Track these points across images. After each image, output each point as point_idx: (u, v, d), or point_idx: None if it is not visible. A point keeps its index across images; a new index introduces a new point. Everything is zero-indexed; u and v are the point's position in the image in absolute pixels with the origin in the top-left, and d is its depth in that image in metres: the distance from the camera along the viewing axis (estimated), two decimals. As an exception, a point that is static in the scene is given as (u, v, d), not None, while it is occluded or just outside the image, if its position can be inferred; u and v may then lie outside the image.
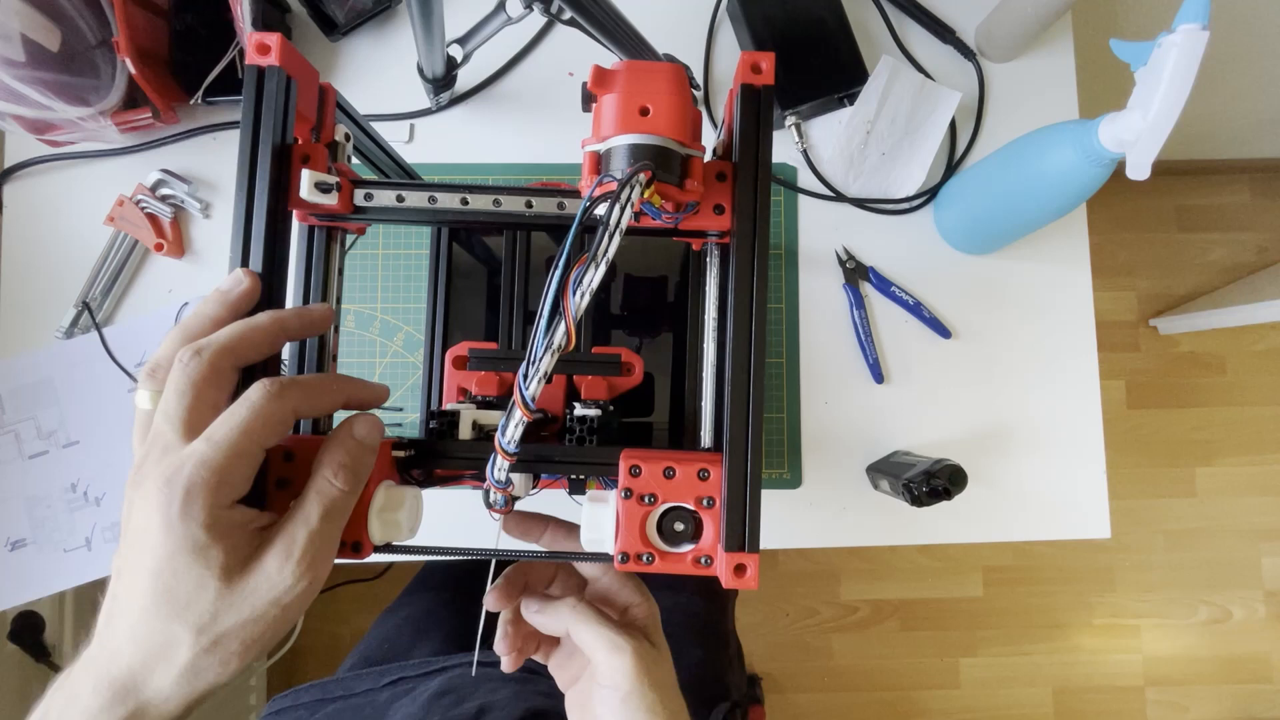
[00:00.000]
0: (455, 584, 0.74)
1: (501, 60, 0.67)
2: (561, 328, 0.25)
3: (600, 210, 0.26)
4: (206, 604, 0.25)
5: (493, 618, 0.37)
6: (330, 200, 0.32)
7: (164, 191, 0.64)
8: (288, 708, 0.55)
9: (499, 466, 0.29)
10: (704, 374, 0.36)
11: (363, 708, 0.53)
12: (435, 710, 0.48)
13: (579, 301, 0.25)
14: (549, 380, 0.27)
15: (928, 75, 0.67)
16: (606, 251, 0.25)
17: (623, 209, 0.25)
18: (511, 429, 0.27)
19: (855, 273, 0.66)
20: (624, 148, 0.28)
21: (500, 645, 0.36)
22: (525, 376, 0.25)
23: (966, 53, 0.67)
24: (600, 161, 0.29)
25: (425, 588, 0.74)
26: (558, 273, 0.25)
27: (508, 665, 0.36)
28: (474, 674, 0.53)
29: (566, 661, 0.38)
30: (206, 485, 0.25)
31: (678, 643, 0.64)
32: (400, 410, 0.64)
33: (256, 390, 0.26)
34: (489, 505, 0.31)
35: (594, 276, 0.24)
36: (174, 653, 0.26)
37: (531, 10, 0.51)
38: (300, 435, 0.32)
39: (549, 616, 0.35)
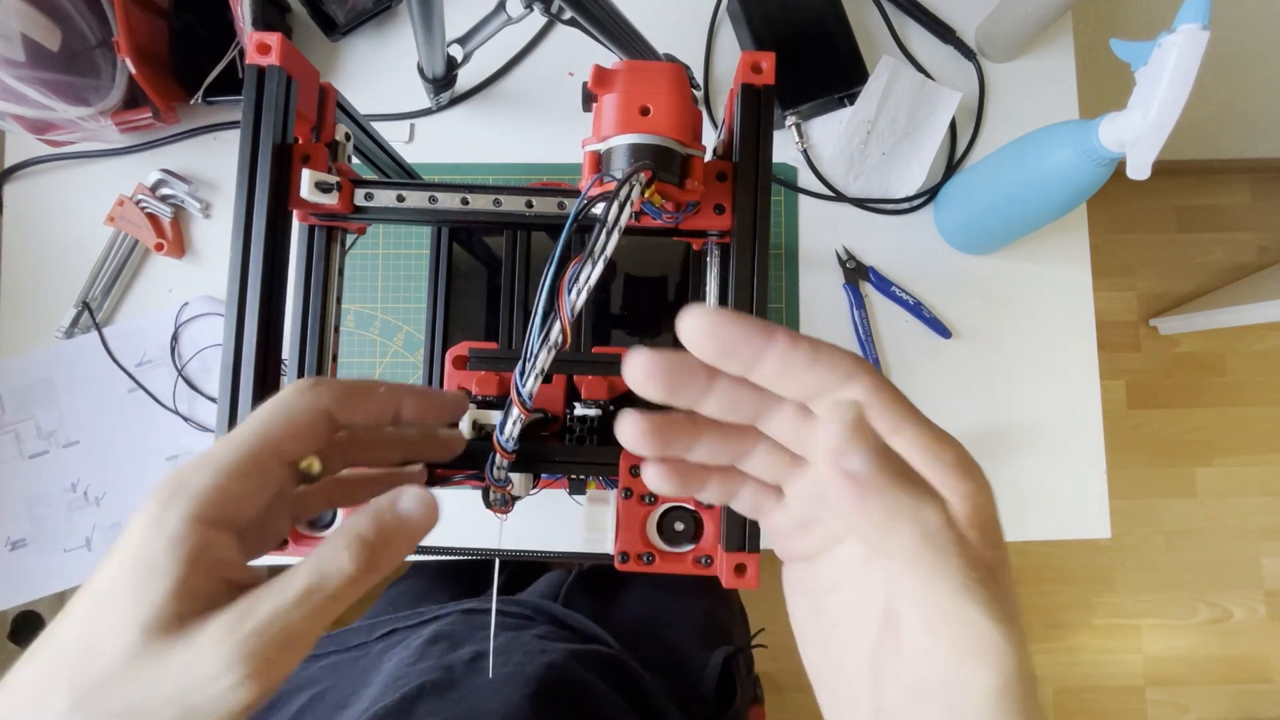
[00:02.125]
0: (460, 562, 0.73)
1: (501, 60, 0.67)
2: (557, 326, 0.25)
3: (599, 209, 0.26)
4: (102, 668, 0.19)
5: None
6: (330, 200, 0.32)
7: (164, 191, 0.64)
8: None
9: (498, 465, 0.29)
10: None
11: (357, 659, 0.52)
12: (428, 655, 0.47)
13: (575, 299, 0.24)
14: (548, 379, 0.26)
15: (928, 75, 0.67)
16: (604, 249, 0.25)
17: (621, 206, 0.25)
18: (509, 427, 0.27)
19: (855, 273, 0.66)
20: (624, 147, 0.28)
21: (645, 442, 0.20)
22: (522, 374, 0.25)
23: (966, 53, 0.67)
24: (601, 161, 0.29)
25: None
26: (552, 270, 0.25)
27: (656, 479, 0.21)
28: (475, 621, 0.51)
29: (797, 531, 0.22)
30: (195, 486, 0.20)
31: (680, 593, 0.64)
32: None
33: (286, 387, 0.23)
34: (488, 505, 0.31)
35: (591, 273, 0.24)
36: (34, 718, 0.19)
37: (531, 10, 0.51)
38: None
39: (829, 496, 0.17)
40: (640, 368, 0.18)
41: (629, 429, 0.19)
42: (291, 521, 0.26)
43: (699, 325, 0.18)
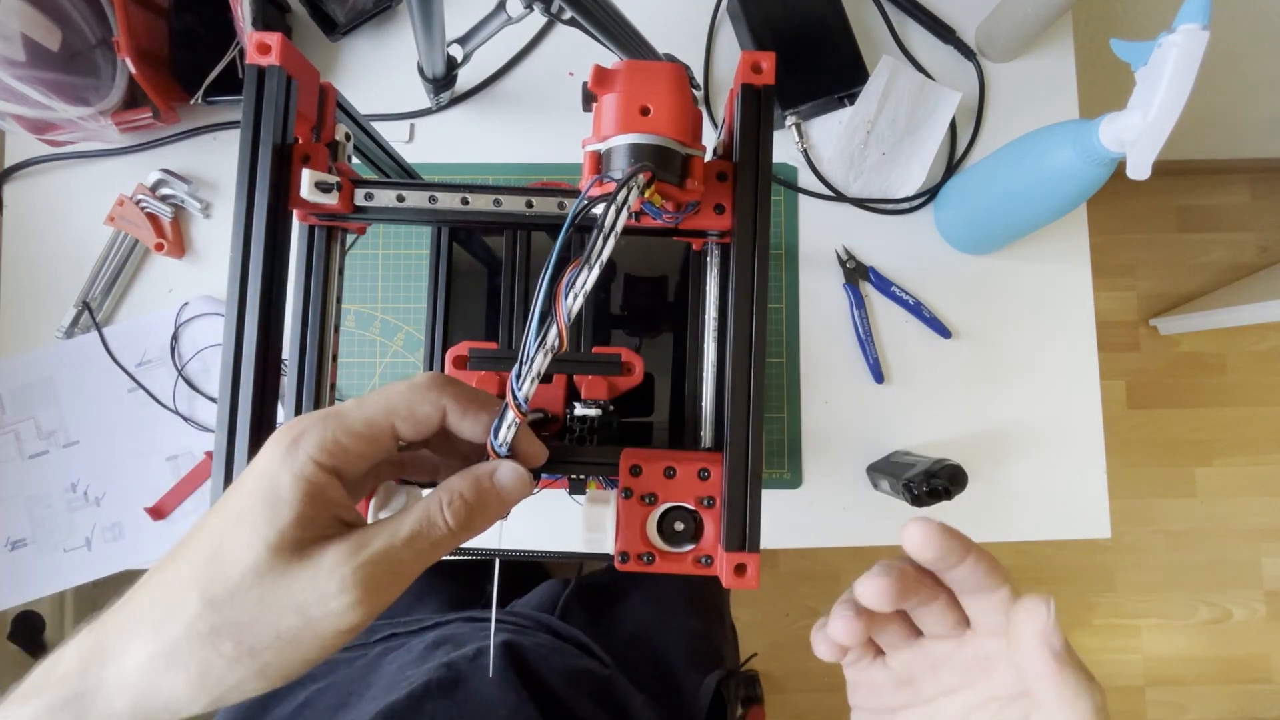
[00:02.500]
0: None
1: (501, 60, 0.67)
2: (554, 330, 0.25)
3: (598, 209, 0.26)
4: (232, 577, 0.21)
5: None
6: (331, 200, 0.32)
7: (164, 191, 0.64)
8: None
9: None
10: (704, 374, 0.36)
11: (355, 659, 0.52)
12: (432, 657, 0.48)
13: (571, 304, 0.24)
14: (547, 380, 0.26)
15: (928, 75, 0.67)
16: (601, 254, 0.24)
17: (618, 210, 0.25)
18: (504, 431, 0.26)
19: (855, 273, 0.66)
20: (624, 147, 0.28)
21: (841, 628, 0.26)
22: (518, 377, 0.25)
23: (967, 53, 0.67)
24: (600, 161, 0.29)
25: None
26: (548, 273, 0.25)
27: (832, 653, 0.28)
28: (475, 628, 0.52)
29: (891, 685, 0.28)
30: (321, 434, 0.22)
31: (674, 611, 0.65)
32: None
33: (421, 376, 0.25)
34: (487, 506, 0.31)
35: (587, 279, 0.24)
36: (169, 621, 0.21)
37: (531, 10, 0.51)
38: None
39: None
40: (920, 543, 0.24)
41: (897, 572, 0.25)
42: (375, 482, 0.29)
43: (923, 534, 0.24)
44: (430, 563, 0.24)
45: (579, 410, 0.40)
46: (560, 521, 0.62)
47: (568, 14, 0.50)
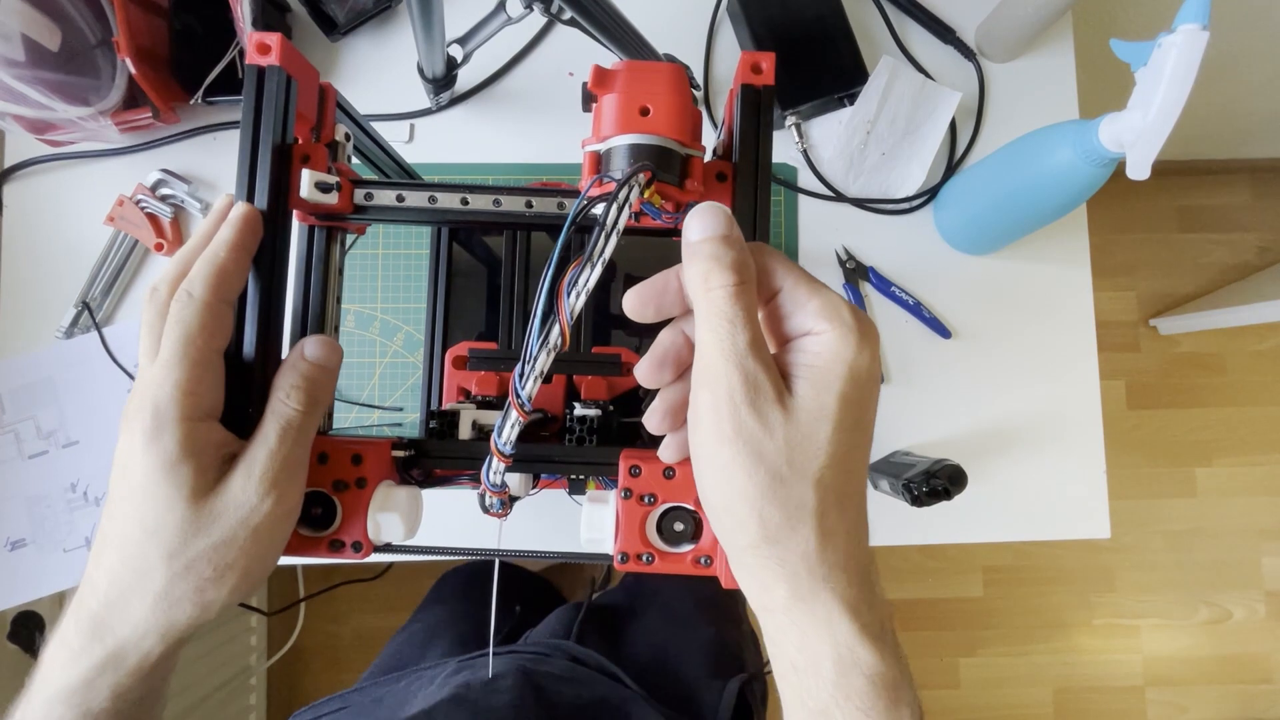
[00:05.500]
0: (465, 595, 0.75)
1: (501, 60, 0.67)
2: (556, 329, 0.25)
3: (598, 209, 0.26)
4: (175, 527, 0.25)
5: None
6: (330, 200, 0.32)
7: (164, 191, 0.64)
8: None
9: (494, 469, 0.28)
10: (704, 374, 0.36)
11: (382, 699, 0.54)
12: (448, 684, 0.49)
13: (574, 302, 0.24)
14: (547, 380, 0.26)
15: (928, 75, 0.67)
16: (603, 252, 0.24)
17: (619, 209, 0.25)
18: (508, 430, 0.26)
19: (855, 273, 0.66)
20: (624, 148, 0.28)
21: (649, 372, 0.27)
22: (521, 377, 0.25)
23: (966, 53, 0.67)
24: (600, 161, 0.29)
25: (437, 601, 0.75)
26: (550, 273, 0.25)
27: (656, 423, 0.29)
28: (490, 661, 0.53)
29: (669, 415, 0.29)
30: (172, 398, 0.25)
31: (689, 623, 0.65)
32: (400, 410, 0.64)
33: (174, 304, 0.27)
34: (485, 509, 0.31)
35: (590, 277, 0.24)
36: (148, 580, 0.26)
37: (531, 10, 0.51)
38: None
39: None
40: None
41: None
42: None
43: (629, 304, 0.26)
44: (309, 436, 0.29)
45: (579, 410, 0.40)
46: (560, 522, 0.62)
47: (568, 14, 0.50)
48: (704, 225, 0.25)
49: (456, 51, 0.59)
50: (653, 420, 0.28)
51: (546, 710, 0.47)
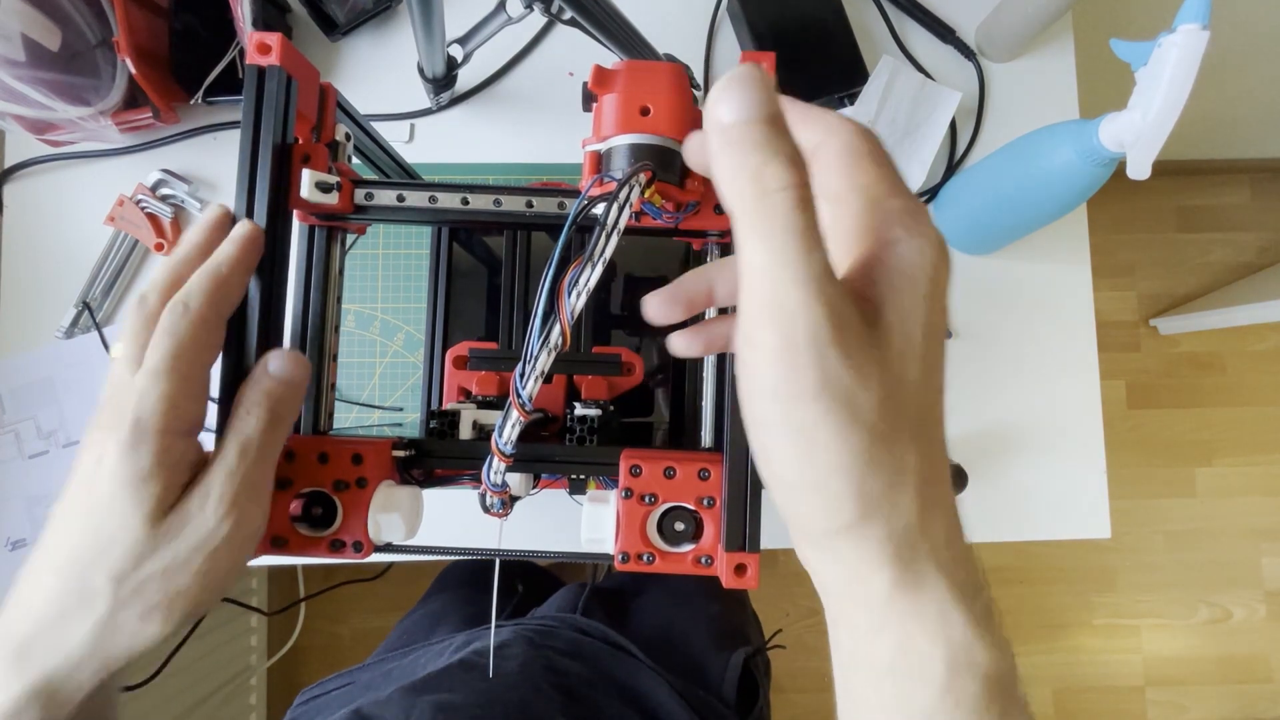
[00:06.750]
0: (471, 582, 0.75)
1: (501, 60, 0.67)
2: (557, 328, 0.25)
3: (598, 210, 0.26)
4: (127, 547, 0.24)
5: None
6: (331, 200, 0.32)
7: (164, 191, 0.64)
8: (316, 696, 0.56)
9: (495, 469, 0.29)
10: (704, 374, 0.36)
11: (391, 672, 0.54)
12: (463, 654, 0.50)
13: (575, 302, 0.24)
14: (548, 380, 0.26)
15: (928, 75, 0.67)
16: (604, 251, 0.24)
17: (620, 209, 0.25)
18: (508, 430, 0.26)
19: (855, 273, 0.66)
20: (624, 147, 0.28)
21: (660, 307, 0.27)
22: (521, 377, 0.25)
23: (967, 53, 0.67)
24: (601, 161, 0.29)
25: (442, 589, 0.76)
26: (550, 272, 0.25)
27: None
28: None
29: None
30: (156, 410, 0.24)
31: (692, 599, 0.65)
32: (401, 410, 0.64)
33: (166, 314, 0.26)
34: (486, 509, 0.31)
35: (590, 276, 0.24)
36: (90, 605, 0.24)
37: (531, 10, 0.51)
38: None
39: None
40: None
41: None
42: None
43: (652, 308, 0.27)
44: (272, 455, 0.27)
45: (579, 410, 0.40)
46: (560, 522, 0.62)
47: (568, 14, 0.50)
48: (744, 101, 0.17)
49: (457, 51, 0.59)
50: (652, 304, 0.26)
51: (556, 677, 0.47)
